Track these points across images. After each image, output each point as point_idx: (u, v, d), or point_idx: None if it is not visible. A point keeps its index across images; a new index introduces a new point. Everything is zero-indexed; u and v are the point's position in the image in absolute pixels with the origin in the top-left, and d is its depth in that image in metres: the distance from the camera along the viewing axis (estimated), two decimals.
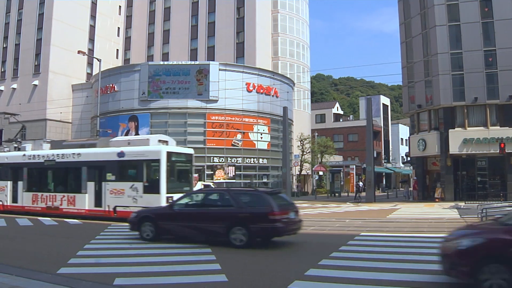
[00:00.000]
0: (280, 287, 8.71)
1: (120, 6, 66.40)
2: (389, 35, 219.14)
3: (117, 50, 65.40)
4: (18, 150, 29.19)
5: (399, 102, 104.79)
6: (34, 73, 56.48)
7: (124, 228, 17.63)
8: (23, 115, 53.37)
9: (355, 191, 46.49)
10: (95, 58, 48.05)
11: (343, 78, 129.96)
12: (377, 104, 77.46)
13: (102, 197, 23.27)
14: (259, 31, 56.38)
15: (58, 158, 25.50)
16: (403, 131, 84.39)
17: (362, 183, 48.15)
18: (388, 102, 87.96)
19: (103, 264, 10.95)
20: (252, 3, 56.34)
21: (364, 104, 65.84)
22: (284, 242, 14.32)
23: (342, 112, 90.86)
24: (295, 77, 57.42)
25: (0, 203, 27.50)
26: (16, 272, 9.27)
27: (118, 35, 65.84)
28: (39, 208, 25.71)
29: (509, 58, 36.49)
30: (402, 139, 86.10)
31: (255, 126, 47.46)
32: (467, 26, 38.17)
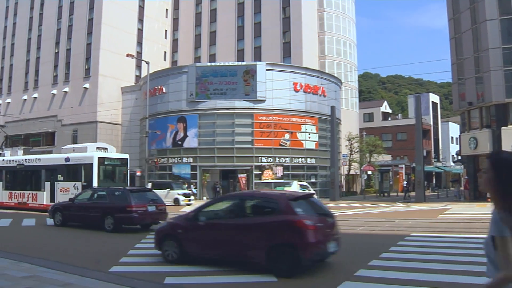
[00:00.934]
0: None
1: (167, 9, 67.25)
2: (437, 31, 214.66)
3: (165, 52, 66.25)
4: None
5: (449, 100, 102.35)
6: (85, 77, 57.83)
7: None
8: (75, 118, 54.96)
9: (404, 190, 45.68)
10: (144, 60, 48.81)
11: (391, 76, 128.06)
12: (426, 102, 75.94)
13: (55, 194, 28.56)
14: (305, 31, 56.09)
15: (26, 163, 31.42)
16: (453, 129, 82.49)
17: (406, 182, 47.36)
18: (437, 99, 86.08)
19: (153, 263, 11.13)
20: (298, 2, 56.05)
21: (413, 102, 64.84)
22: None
23: (390, 111, 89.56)
24: (342, 76, 56.91)
25: None
26: (70, 270, 9.46)
27: (166, 38, 66.69)
28: (13, 203, 31.26)
29: None
30: (452, 137, 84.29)
31: (303, 126, 47.22)
32: None
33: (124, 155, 31.57)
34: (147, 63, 45.28)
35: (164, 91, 48.79)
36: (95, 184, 26.62)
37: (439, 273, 9.52)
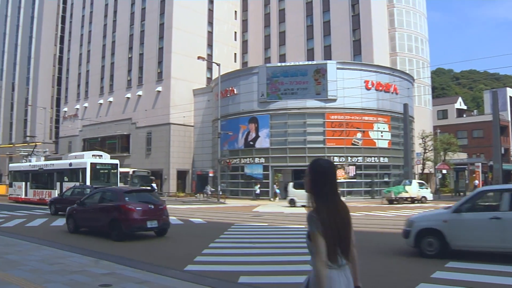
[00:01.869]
0: None
1: (235, 11, 67.91)
2: None
3: (235, 54, 66.92)
4: (28, 161, 42.75)
5: None
6: (157, 80, 59.23)
7: (246, 228, 19.21)
8: (149, 120, 56.46)
9: None
10: (214, 62, 49.65)
11: (465, 72, 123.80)
12: (503, 97, 73.04)
13: (63, 192, 31.74)
14: (375, 27, 55.19)
15: (44, 167, 38.85)
16: None
17: (478, 181, 45.70)
18: None
19: (227, 262, 11.18)
20: None
21: (489, 97, 62.50)
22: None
23: (465, 107, 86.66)
24: (414, 73, 55.57)
25: (19, 196, 40.43)
26: (147, 268, 9.66)
27: (235, 39, 67.37)
28: (35, 199, 37.70)
29: None
30: None
31: (375, 124, 46.49)
32: None
33: (114, 161, 37.65)
34: (218, 65, 45.96)
35: (235, 92, 49.32)
36: (88, 183, 32.41)
37: None
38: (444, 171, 52.10)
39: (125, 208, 15.71)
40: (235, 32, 67.61)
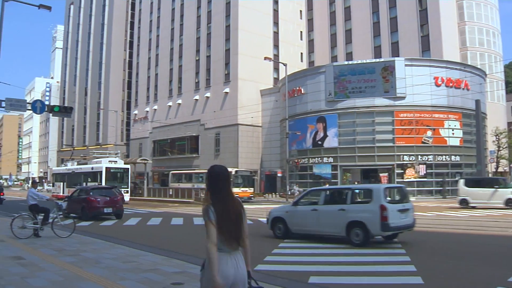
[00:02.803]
0: None
1: (301, 11, 67.93)
2: None
3: (301, 53, 66.95)
4: (65, 165, 51.96)
5: None
6: (225, 82, 60.07)
7: None
8: (217, 121, 57.31)
9: None
10: (281, 62, 49.91)
11: None
12: None
13: None
14: (444, 22, 53.80)
15: (75, 170, 47.26)
16: None
17: None
18: None
19: (297, 262, 11.20)
20: None
21: None
22: (484, 246, 13.56)
23: None
24: (486, 68, 53.82)
25: (58, 194, 46.49)
26: None
27: (301, 39, 67.39)
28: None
29: None
30: None
31: (445, 122, 45.43)
32: None
33: (126, 166, 46.00)
34: (285, 65, 46.21)
35: (302, 92, 49.42)
36: (103, 183, 39.03)
37: None
38: None
39: (89, 199, 23.44)
40: (301, 32, 67.63)
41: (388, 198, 14.47)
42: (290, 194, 45.49)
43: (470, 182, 31.73)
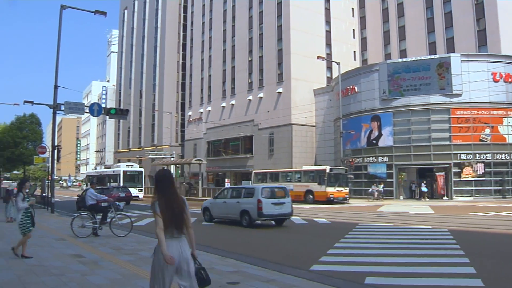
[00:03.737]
0: None
1: (352, 8, 67.44)
2: None
3: (354, 51, 66.47)
4: (95, 169, 61.73)
5: None
6: (278, 82, 60.29)
7: (371, 228, 19.23)
8: (270, 121, 57.60)
9: None
10: (334, 61, 49.77)
11: None
12: None
13: None
14: (501, 15, 52.13)
15: (102, 172, 58.15)
16: None
17: None
18: None
19: (353, 263, 11.12)
20: None
21: None
22: None
23: None
24: None
25: None
26: (271, 267, 10.06)
27: (354, 37, 66.91)
28: None
29: None
30: None
31: (505, 119, 44.22)
32: None
33: (140, 169, 55.56)
34: (338, 63, 46.11)
35: (356, 91, 49.17)
36: (121, 184, 48.95)
37: None
38: None
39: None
40: (353, 30, 67.12)
41: (264, 195, 19.86)
42: (370, 193, 45.06)
43: None
